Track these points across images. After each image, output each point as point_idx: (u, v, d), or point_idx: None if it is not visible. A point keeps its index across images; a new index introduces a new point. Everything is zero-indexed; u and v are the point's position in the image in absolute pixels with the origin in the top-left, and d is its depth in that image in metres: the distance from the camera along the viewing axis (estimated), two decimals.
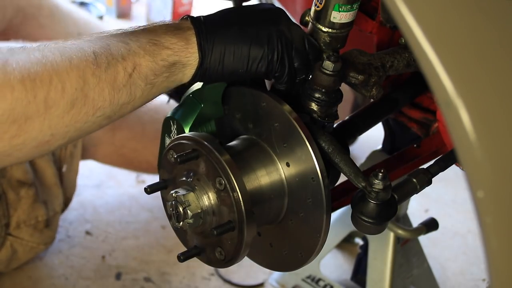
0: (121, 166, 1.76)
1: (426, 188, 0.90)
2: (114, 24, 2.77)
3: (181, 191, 0.86)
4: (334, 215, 1.44)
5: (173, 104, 1.06)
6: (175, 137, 0.92)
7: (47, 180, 1.52)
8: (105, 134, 1.65)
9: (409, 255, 1.43)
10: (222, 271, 1.63)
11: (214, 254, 0.88)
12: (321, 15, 0.89)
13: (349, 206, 0.89)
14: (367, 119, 1.03)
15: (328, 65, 0.86)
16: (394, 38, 1.05)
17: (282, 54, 0.86)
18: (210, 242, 0.88)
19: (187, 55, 0.84)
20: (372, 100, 0.98)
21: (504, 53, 0.58)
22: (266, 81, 0.93)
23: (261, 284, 1.62)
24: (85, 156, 1.68)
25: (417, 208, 1.89)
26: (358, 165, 0.87)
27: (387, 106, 1.07)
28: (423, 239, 1.47)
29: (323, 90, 0.88)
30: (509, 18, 0.58)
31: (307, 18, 0.94)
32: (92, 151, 1.68)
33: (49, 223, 1.52)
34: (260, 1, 1.72)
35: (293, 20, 0.89)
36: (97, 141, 1.66)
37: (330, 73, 0.87)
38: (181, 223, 0.86)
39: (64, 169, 1.57)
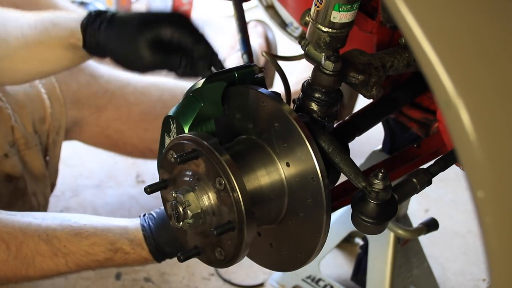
0: (106, 147, 1.75)
1: (426, 188, 0.90)
2: None
3: (181, 191, 0.86)
4: (334, 215, 1.44)
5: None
6: (175, 137, 0.92)
7: (36, 171, 1.52)
8: (91, 115, 1.65)
9: (409, 255, 1.43)
10: (222, 271, 1.63)
11: (214, 254, 0.88)
12: (321, 15, 0.89)
13: (349, 206, 0.89)
14: (367, 119, 1.03)
15: (328, 65, 0.86)
16: (394, 38, 1.05)
17: None
18: (210, 242, 0.88)
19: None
20: (372, 100, 0.98)
21: (505, 53, 0.58)
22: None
23: (261, 284, 1.62)
24: (69, 137, 1.68)
25: (417, 208, 1.89)
26: (358, 165, 0.87)
27: (387, 106, 1.07)
28: (423, 239, 1.47)
29: (323, 90, 0.88)
30: (509, 18, 0.58)
31: (307, 18, 0.93)
32: (77, 131, 1.68)
33: None
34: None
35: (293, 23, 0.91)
36: (82, 122, 1.65)
37: (330, 73, 0.87)
38: (181, 223, 0.86)
39: (47, 157, 1.58)
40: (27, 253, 1.16)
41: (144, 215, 1.20)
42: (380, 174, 0.83)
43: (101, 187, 1.89)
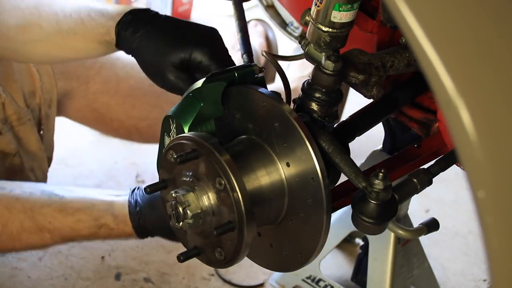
0: (93, 123, 1.74)
1: (427, 188, 0.89)
2: None
3: (181, 191, 0.86)
4: (334, 215, 1.44)
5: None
6: (175, 137, 0.92)
7: (32, 146, 1.52)
8: (79, 86, 1.64)
9: (409, 256, 1.43)
10: (222, 271, 1.63)
11: (214, 254, 0.87)
12: (321, 15, 0.89)
13: (349, 206, 0.88)
14: (367, 119, 1.03)
15: (329, 64, 0.86)
16: (394, 38, 1.05)
17: None
18: (210, 242, 0.88)
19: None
20: (372, 100, 0.98)
21: (505, 53, 0.57)
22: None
23: (261, 284, 1.62)
24: (59, 111, 1.67)
25: (417, 208, 1.89)
26: (358, 165, 0.87)
27: (387, 106, 1.07)
28: (424, 239, 1.47)
29: (323, 90, 0.88)
30: (510, 17, 0.58)
31: (307, 17, 0.93)
32: (66, 104, 1.67)
33: None
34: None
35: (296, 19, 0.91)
36: (71, 94, 1.65)
37: (330, 72, 0.86)
38: (181, 223, 0.86)
39: (42, 132, 1.58)
40: (13, 230, 1.22)
41: (134, 190, 1.22)
42: (381, 174, 0.83)
43: (101, 187, 1.89)
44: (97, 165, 1.96)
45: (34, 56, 1.33)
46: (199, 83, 0.93)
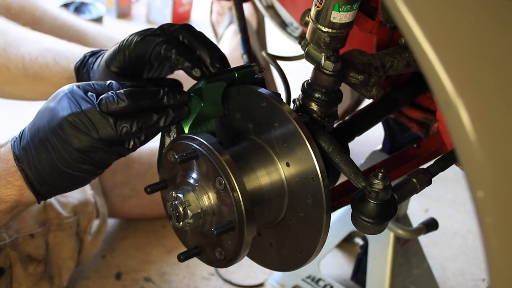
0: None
1: (426, 188, 0.90)
2: (114, 24, 2.77)
3: (181, 191, 0.86)
4: (334, 215, 1.44)
5: None
6: (175, 137, 0.92)
7: (63, 254, 1.45)
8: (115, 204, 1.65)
9: (409, 255, 1.43)
10: (222, 271, 1.63)
11: (214, 254, 0.88)
12: (321, 15, 0.89)
13: (349, 206, 0.89)
14: (367, 119, 1.03)
15: (328, 65, 0.86)
16: (394, 38, 1.05)
17: None
18: (210, 242, 0.88)
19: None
20: (372, 100, 0.99)
21: (504, 53, 0.58)
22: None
23: (261, 284, 1.62)
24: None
25: (417, 208, 1.89)
26: (358, 165, 0.87)
27: (387, 106, 1.07)
28: (423, 239, 1.47)
29: (323, 90, 0.89)
30: (509, 17, 0.58)
31: (307, 18, 0.94)
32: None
33: None
34: None
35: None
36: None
37: (330, 73, 0.87)
38: (181, 223, 0.86)
39: (87, 241, 1.51)
40: None
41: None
42: (380, 174, 0.83)
43: None
44: None
45: (5, 96, 1.36)
46: (199, 84, 0.93)
